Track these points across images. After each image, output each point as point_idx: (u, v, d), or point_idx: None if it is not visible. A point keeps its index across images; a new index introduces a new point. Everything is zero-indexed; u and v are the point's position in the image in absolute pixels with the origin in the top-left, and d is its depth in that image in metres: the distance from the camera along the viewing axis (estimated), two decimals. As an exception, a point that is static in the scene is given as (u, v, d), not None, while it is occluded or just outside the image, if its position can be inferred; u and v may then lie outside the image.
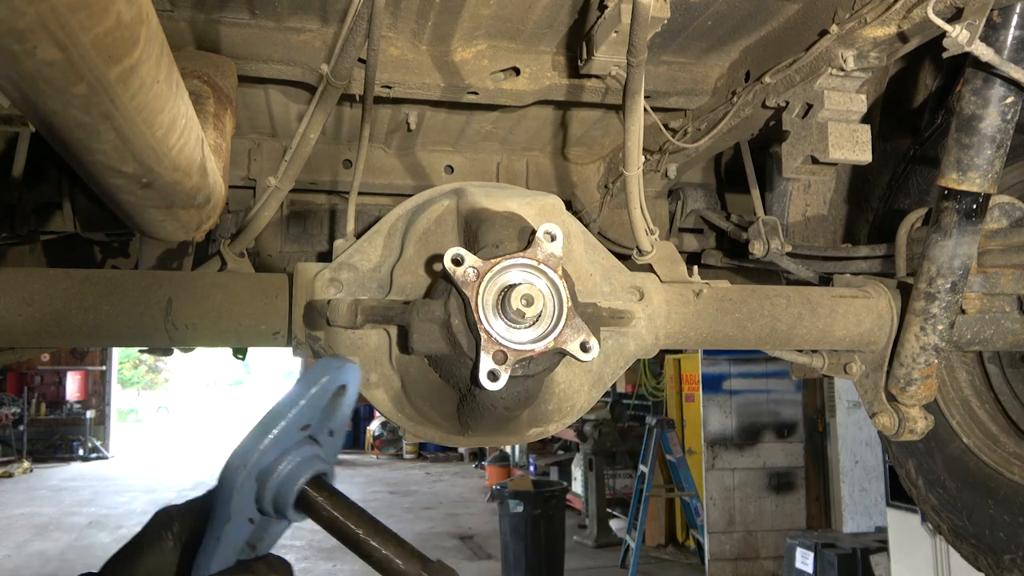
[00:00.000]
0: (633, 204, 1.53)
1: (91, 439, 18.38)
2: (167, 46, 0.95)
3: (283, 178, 1.73)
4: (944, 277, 1.46)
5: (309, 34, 1.76)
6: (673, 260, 1.58)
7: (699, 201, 2.54)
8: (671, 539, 9.56)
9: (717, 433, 8.42)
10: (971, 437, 1.96)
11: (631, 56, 1.40)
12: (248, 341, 1.46)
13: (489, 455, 13.85)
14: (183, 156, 1.15)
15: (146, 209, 1.28)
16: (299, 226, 2.58)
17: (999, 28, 1.28)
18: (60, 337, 1.38)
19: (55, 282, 1.34)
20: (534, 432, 1.39)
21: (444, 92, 1.86)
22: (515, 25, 1.75)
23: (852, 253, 1.97)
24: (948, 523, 2.03)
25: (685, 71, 1.98)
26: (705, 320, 1.50)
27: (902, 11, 1.37)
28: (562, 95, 1.93)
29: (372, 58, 1.50)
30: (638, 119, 1.47)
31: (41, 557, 9.25)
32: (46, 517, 11.50)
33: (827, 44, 1.52)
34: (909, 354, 1.53)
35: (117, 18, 0.74)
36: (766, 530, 8.29)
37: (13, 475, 15.58)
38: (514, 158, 2.56)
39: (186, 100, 1.12)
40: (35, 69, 0.74)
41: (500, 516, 8.10)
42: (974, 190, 1.40)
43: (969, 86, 1.34)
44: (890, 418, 1.59)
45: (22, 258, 2.40)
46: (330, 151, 2.46)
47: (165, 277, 1.43)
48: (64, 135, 0.91)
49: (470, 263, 1.12)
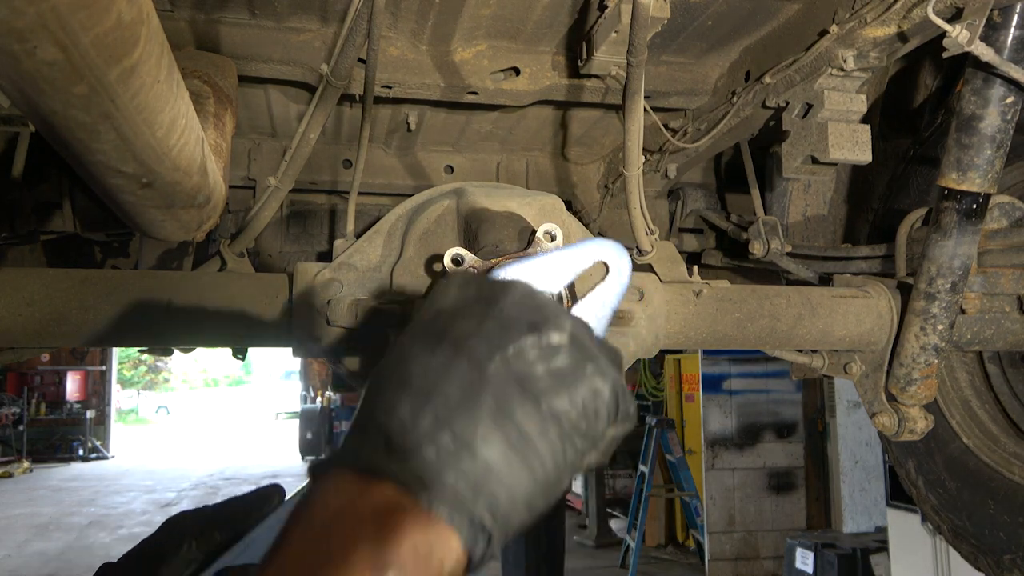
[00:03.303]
0: (633, 204, 1.53)
1: (91, 439, 18.39)
2: (167, 46, 0.95)
3: (283, 178, 1.73)
4: (944, 277, 1.46)
5: (309, 34, 1.76)
6: (673, 260, 1.58)
7: (699, 201, 2.54)
8: (671, 539, 9.56)
9: (717, 433, 8.42)
10: (971, 437, 1.96)
11: (631, 56, 1.40)
12: (248, 341, 1.46)
13: (489, 455, 13.84)
14: (183, 156, 1.15)
15: (146, 209, 1.28)
16: (299, 226, 2.58)
17: (999, 28, 1.28)
18: (60, 337, 1.38)
19: (55, 282, 1.34)
20: (534, 432, 1.39)
21: (444, 92, 1.86)
22: (515, 25, 1.75)
23: (852, 253, 1.97)
24: (948, 523, 2.03)
25: (685, 71, 1.98)
26: (705, 320, 1.50)
27: (902, 11, 1.37)
28: (562, 95, 1.93)
29: (372, 58, 1.50)
30: (638, 119, 1.47)
31: (41, 557, 9.25)
32: (46, 517, 11.50)
33: (827, 44, 1.52)
34: (909, 354, 1.53)
35: (117, 18, 0.74)
36: (766, 530, 8.28)
37: (13, 475, 15.58)
38: (514, 158, 2.56)
39: (186, 100, 1.12)
40: (35, 69, 0.74)
41: (500, 516, 8.09)
42: (974, 190, 1.40)
43: (969, 86, 1.34)
44: (890, 418, 1.59)
45: (22, 258, 2.40)
46: (330, 151, 2.45)
47: (165, 277, 1.43)
48: (64, 135, 0.91)
49: (470, 263, 1.12)
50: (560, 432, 0.54)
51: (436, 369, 0.55)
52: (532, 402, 0.54)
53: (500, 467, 0.52)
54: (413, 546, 0.49)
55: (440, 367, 0.55)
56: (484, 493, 0.51)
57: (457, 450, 0.51)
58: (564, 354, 0.56)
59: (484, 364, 0.54)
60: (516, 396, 0.53)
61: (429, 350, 0.56)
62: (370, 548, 0.48)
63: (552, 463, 0.54)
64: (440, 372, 0.55)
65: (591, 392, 0.55)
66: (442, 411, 0.53)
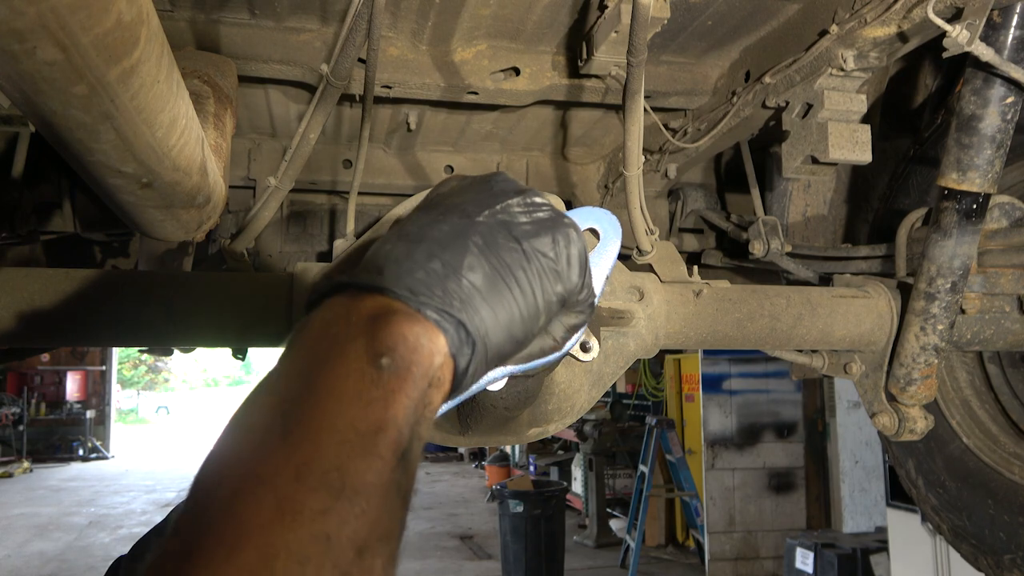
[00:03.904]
0: (633, 204, 1.53)
1: (91, 439, 18.38)
2: (167, 46, 0.95)
3: (283, 178, 1.73)
4: (944, 277, 1.46)
5: (309, 34, 1.76)
6: (673, 260, 1.58)
7: (699, 201, 2.54)
8: (671, 539, 9.55)
9: (717, 433, 8.42)
10: (971, 437, 1.96)
11: (631, 56, 1.40)
12: (248, 341, 1.46)
13: (489, 455, 13.85)
14: (183, 156, 1.15)
15: (146, 209, 1.28)
16: (299, 226, 2.58)
17: (999, 28, 1.28)
18: (60, 337, 1.38)
19: (55, 282, 1.34)
20: (534, 432, 1.39)
21: (444, 92, 1.86)
22: (515, 25, 1.75)
23: (852, 253, 1.97)
24: (948, 523, 2.03)
25: (685, 71, 1.98)
26: (705, 320, 1.50)
27: (902, 11, 1.37)
28: (562, 95, 1.93)
29: (372, 58, 1.50)
30: (638, 119, 1.47)
31: (41, 557, 9.25)
32: (46, 517, 11.50)
33: (827, 44, 1.52)
34: (909, 354, 1.53)
35: (117, 18, 0.74)
36: (766, 530, 8.28)
37: (13, 475, 15.58)
38: (514, 158, 2.56)
39: (186, 100, 1.12)
40: (35, 69, 0.74)
41: (500, 516, 8.10)
42: (974, 190, 1.40)
43: (969, 86, 1.34)
44: (890, 418, 1.59)
45: (22, 258, 2.40)
46: (330, 151, 2.45)
47: (165, 277, 1.43)
48: (64, 135, 0.91)
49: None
50: (539, 267, 0.61)
51: (429, 223, 0.62)
52: (514, 241, 0.61)
53: (484, 289, 0.58)
54: (403, 336, 0.54)
55: (433, 220, 0.62)
56: (469, 306, 0.57)
57: (445, 274, 0.57)
58: (544, 211, 0.64)
59: (473, 215, 0.62)
60: (500, 235, 0.61)
61: (425, 213, 0.64)
62: (364, 341, 0.53)
63: (530, 293, 0.61)
64: (433, 223, 0.62)
65: (565, 238, 0.63)
66: (434, 247, 0.59)
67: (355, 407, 0.50)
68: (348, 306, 0.56)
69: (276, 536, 0.43)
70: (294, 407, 0.50)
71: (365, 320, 0.54)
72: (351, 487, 0.47)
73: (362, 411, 0.50)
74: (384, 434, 0.50)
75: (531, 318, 0.61)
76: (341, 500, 0.46)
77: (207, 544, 0.43)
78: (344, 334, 0.54)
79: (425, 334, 0.55)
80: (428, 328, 0.56)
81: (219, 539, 0.43)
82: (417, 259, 0.58)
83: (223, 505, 0.45)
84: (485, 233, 0.60)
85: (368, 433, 0.49)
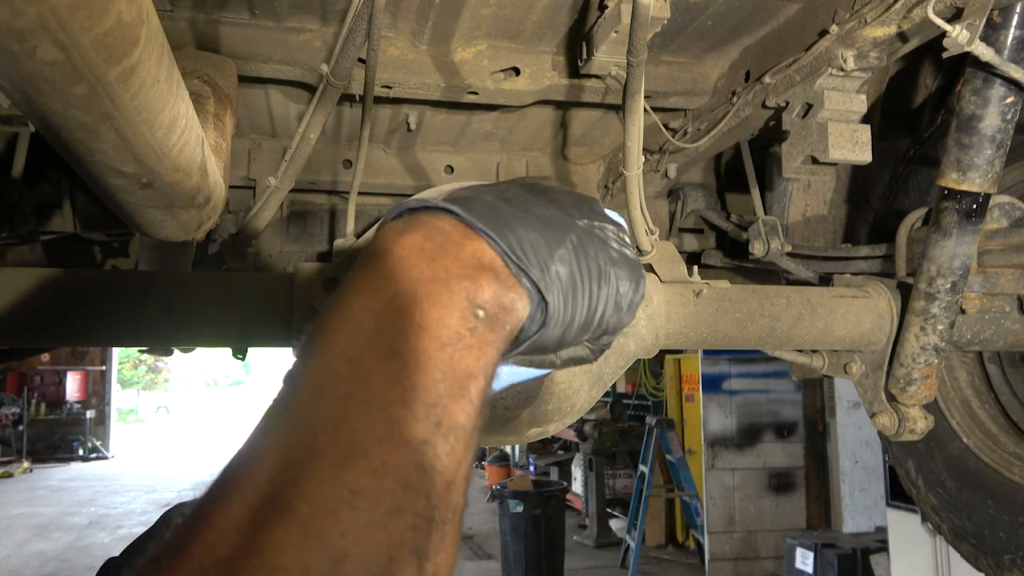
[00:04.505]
0: (633, 204, 1.53)
1: (91, 439, 18.38)
2: (167, 46, 0.95)
3: (283, 178, 1.73)
4: (944, 277, 1.46)
5: (309, 34, 1.76)
6: (673, 260, 1.58)
7: (699, 201, 2.54)
8: (671, 539, 9.55)
9: (717, 433, 8.42)
10: (971, 437, 1.96)
11: (631, 56, 1.40)
12: (248, 341, 1.46)
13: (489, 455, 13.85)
14: (183, 156, 1.15)
15: (146, 209, 1.28)
16: (299, 226, 2.58)
17: (999, 28, 1.28)
18: (60, 337, 1.38)
19: (55, 282, 1.34)
20: (534, 432, 1.39)
21: (444, 92, 1.86)
22: (515, 25, 1.75)
23: (852, 253, 1.97)
24: (948, 523, 2.03)
25: (685, 71, 1.98)
26: (705, 320, 1.50)
27: (902, 11, 1.37)
28: (562, 95, 1.93)
29: (372, 58, 1.50)
30: (638, 119, 1.47)
31: (41, 557, 9.25)
32: (46, 517, 11.49)
33: (827, 44, 1.52)
34: (909, 354, 1.53)
35: (117, 18, 0.74)
36: (766, 530, 8.28)
37: (13, 475, 15.58)
38: (514, 158, 2.55)
39: (186, 100, 1.12)
40: (35, 69, 0.74)
41: (500, 516, 8.10)
42: (974, 190, 1.40)
43: (969, 86, 1.34)
44: (890, 418, 1.59)
45: (22, 258, 2.40)
46: (330, 151, 2.45)
47: (165, 277, 1.43)
48: (64, 135, 0.91)
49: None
50: (609, 295, 0.63)
51: (533, 200, 0.63)
52: (602, 259, 0.63)
53: (564, 282, 0.60)
54: (502, 294, 0.56)
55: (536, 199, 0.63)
56: (552, 287, 0.59)
57: (538, 252, 0.59)
58: (631, 251, 0.67)
59: (574, 216, 0.64)
60: (592, 246, 0.63)
61: (527, 190, 0.65)
62: (469, 285, 0.54)
63: (594, 310, 0.63)
64: (536, 202, 0.63)
65: (637, 284, 0.66)
66: (536, 223, 0.60)
67: (456, 348, 0.51)
68: (451, 238, 0.56)
69: (388, 455, 0.45)
70: (398, 319, 0.51)
71: (469, 264, 0.55)
72: (447, 425, 0.48)
73: (460, 353, 0.51)
74: (475, 381, 0.51)
75: (580, 331, 0.63)
76: (438, 435, 0.47)
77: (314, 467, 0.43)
78: (454, 270, 0.54)
79: (520, 300, 0.57)
80: (522, 296, 0.57)
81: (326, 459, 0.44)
82: (524, 225, 0.59)
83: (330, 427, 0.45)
84: (582, 236, 0.62)
85: (463, 376, 0.51)
